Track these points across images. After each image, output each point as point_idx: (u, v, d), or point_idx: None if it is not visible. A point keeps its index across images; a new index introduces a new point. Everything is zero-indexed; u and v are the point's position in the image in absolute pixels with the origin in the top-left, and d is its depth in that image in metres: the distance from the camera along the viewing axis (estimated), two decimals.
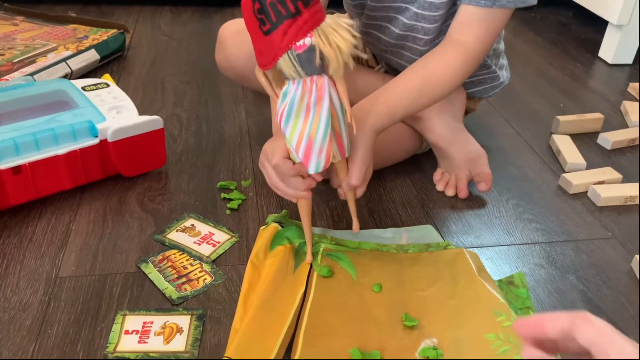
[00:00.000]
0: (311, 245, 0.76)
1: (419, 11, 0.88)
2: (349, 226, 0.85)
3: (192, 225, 0.84)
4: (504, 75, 1.03)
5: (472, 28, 0.81)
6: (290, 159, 0.71)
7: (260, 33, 0.62)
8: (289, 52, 0.61)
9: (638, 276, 0.78)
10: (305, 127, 0.65)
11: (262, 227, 0.81)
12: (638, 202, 0.93)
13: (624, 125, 1.19)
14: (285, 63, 0.62)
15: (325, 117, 0.64)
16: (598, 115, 1.16)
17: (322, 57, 0.61)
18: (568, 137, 1.09)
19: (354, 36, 0.61)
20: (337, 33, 0.61)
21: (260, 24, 0.61)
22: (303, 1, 0.60)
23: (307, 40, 0.60)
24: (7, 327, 0.66)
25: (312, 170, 0.68)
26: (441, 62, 0.82)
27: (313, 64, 0.62)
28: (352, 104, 0.69)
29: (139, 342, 0.65)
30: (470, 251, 0.78)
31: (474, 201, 0.93)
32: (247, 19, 0.63)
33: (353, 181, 0.74)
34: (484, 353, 0.64)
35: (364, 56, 0.69)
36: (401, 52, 0.97)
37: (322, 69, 0.63)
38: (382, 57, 1.04)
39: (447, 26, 0.85)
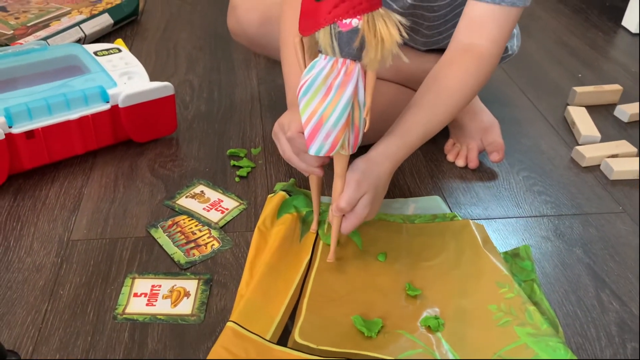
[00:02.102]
0: (318, 217, 0.76)
1: None
2: None
3: (202, 191, 0.85)
4: (514, 44, 1.00)
5: (485, 28, 0.74)
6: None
7: None
8: (332, 25, 0.58)
9: None
10: (320, 106, 0.62)
11: (269, 195, 0.82)
12: None
13: None
14: (324, 35, 0.59)
15: (344, 104, 0.61)
16: (616, 86, 1.13)
17: (363, 43, 0.58)
18: (584, 108, 1.07)
19: (401, 35, 0.58)
20: (386, 25, 0.58)
21: None
22: None
23: (355, 22, 0.57)
24: (22, 287, 0.68)
25: (312, 151, 0.65)
26: (453, 72, 0.75)
27: (351, 47, 0.59)
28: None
29: (147, 304, 0.67)
30: (476, 223, 0.78)
31: (484, 172, 0.93)
32: None
33: (341, 203, 0.66)
34: (486, 324, 0.65)
35: (405, 60, 0.61)
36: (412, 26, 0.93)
37: (359, 55, 0.60)
38: None
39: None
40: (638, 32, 1.46)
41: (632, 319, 0.68)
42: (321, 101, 0.62)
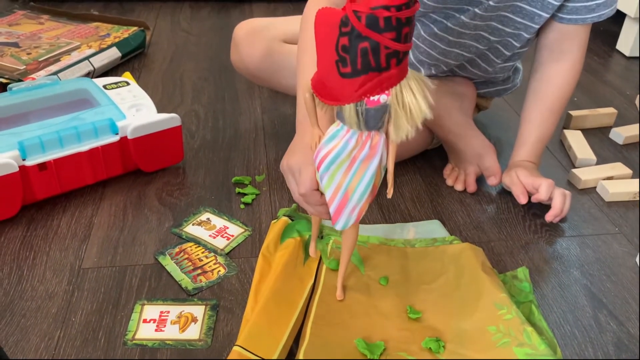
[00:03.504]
0: (315, 242, 0.77)
1: (524, 21, 0.90)
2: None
3: (208, 219, 0.87)
4: (518, 77, 1.05)
5: (577, 38, 0.90)
6: (318, 189, 0.68)
7: (335, 70, 0.55)
8: (358, 103, 0.55)
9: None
10: (344, 180, 0.61)
11: (273, 221, 0.85)
12: None
13: (638, 119, 1.19)
14: (349, 112, 0.56)
15: (370, 177, 0.60)
16: (611, 109, 1.16)
17: (389, 114, 0.56)
18: (579, 132, 1.10)
19: (429, 106, 0.55)
20: (414, 96, 0.55)
21: (339, 61, 0.54)
22: (398, 58, 0.53)
23: (383, 98, 0.55)
24: (35, 315, 0.71)
25: (339, 227, 0.65)
26: (558, 78, 0.92)
27: (378, 121, 0.57)
28: None
29: (156, 330, 0.69)
30: (475, 246, 0.80)
31: (482, 196, 0.95)
32: (323, 44, 0.55)
33: (543, 195, 0.86)
34: (485, 345, 0.66)
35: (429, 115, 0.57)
36: (475, 62, 0.98)
37: (383, 125, 0.58)
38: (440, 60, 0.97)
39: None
40: (631, 55, 1.49)
41: (629, 339, 0.70)
42: (345, 175, 0.61)
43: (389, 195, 0.63)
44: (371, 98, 0.55)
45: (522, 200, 0.89)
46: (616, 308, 0.74)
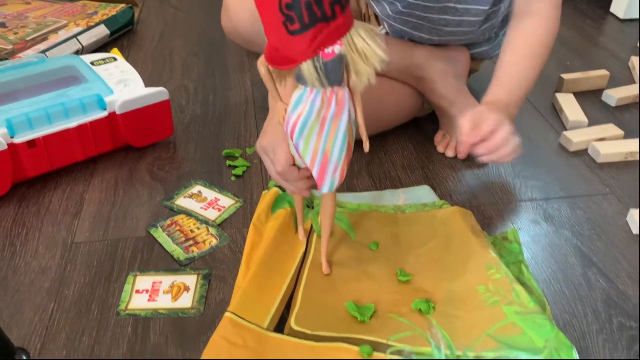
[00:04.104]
0: (302, 226, 0.77)
1: None
2: (349, 189, 0.88)
3: (199, 191, 0.88)
4: (502, 32, 1.03)
5: None
6: (295, 164, 0.68)
7: (284, 31, 0.55)
8: (315, 58, 0.55)
9: (634, 230, 0.80)
10: (320, 142, 0.61)
11: (264, 192, 0.85)
12: (638, 158, 0.94)
13: (632, 81, 1.18)
14: (308, 70, 0.56)
15: (343, 133, 0.61)
16: (603, 72, 1.15)
17: (347, 66, 0.57)
18: (571, 95, 1.09)
19: (383, 50, 0.56)
20: (366, 42, 0.55)
21: (286, 21, 0.54)
22: (341, 4, 0.54)
23: (337, 49, 0.55)
24: (28, 289, 0.71)
25: (325, 189, 0.65)
26: (528, 36, 0.85)
27: (338, 74, 0.57)
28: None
29: (148, 300, 0.69)
30: (464, 210, 0.80)
31: (473, 162, 0.95)
32: (266, 10, 0.56)
33: (484, 128, 0.76)
34: (475, 304, 0.67)
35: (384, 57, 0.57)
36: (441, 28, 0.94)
37: (344, 79, 0.59)
38: (408, 23, 0.96)
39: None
40: (625, 17, 1.48)
41: (618, 295, 0.70)
42: (319, 136, 0.61)
43: (366, 149, 0.63)
44: (326, 51, 0.55)
45: (463, 134, 0.78)
46: (606, 266, 0.74)
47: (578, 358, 0.60)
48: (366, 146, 0.63)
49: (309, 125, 0.60)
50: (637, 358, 0.63)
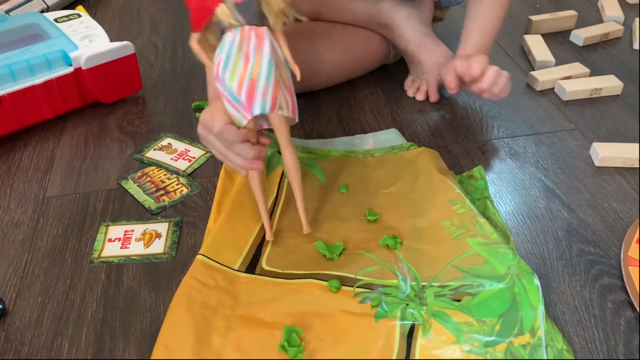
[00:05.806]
0: (269, 223, 0.71)
1: None
2: (319, 135, 0.89)
3: (169, 143, 0.88)
4: None
5: None
6: (233, 124, 0.65)
7: None
8: (225, 2, 0.61)
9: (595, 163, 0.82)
10: (246, 71, 0.63)
11: None
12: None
13: (600, 21, 1.19)
14: (222, 12, 0.62)
15: (267, 62, 0.62)
16: (571, 12, 1.16)
17: (261, 8, 0.62)
18: (539, 36, 1.10)
19: None
20: None
21: None
22: None
23: None
24: (2, 242, 0.72)
25: (257, 110, 0.63)
26: None
27: (252, 11, 0.62)
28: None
29: (121, 247, 0.71)
30: (431, 150, 0.81)
31: (442, 104, 0.96)
32: None
33: (475, 70, 0.83)
34: (440, 238, 0.69)
35: (303, 18, 0.66)
36: None
37: (261, 20, 0.63)
38: None
39: None
40: None
41: (579, 224, 0.73)
42: (245, 67, 0.63)
43: (298, 78, 0.66)
44: None
45: (452, 83, 0.87)
46: (568, 197, 0.77)
47: (538, 283, 0.63)
48: (298, 75, 0.66)
49: (232, 59, 0.63)
50: (594, 281, 0.66)
